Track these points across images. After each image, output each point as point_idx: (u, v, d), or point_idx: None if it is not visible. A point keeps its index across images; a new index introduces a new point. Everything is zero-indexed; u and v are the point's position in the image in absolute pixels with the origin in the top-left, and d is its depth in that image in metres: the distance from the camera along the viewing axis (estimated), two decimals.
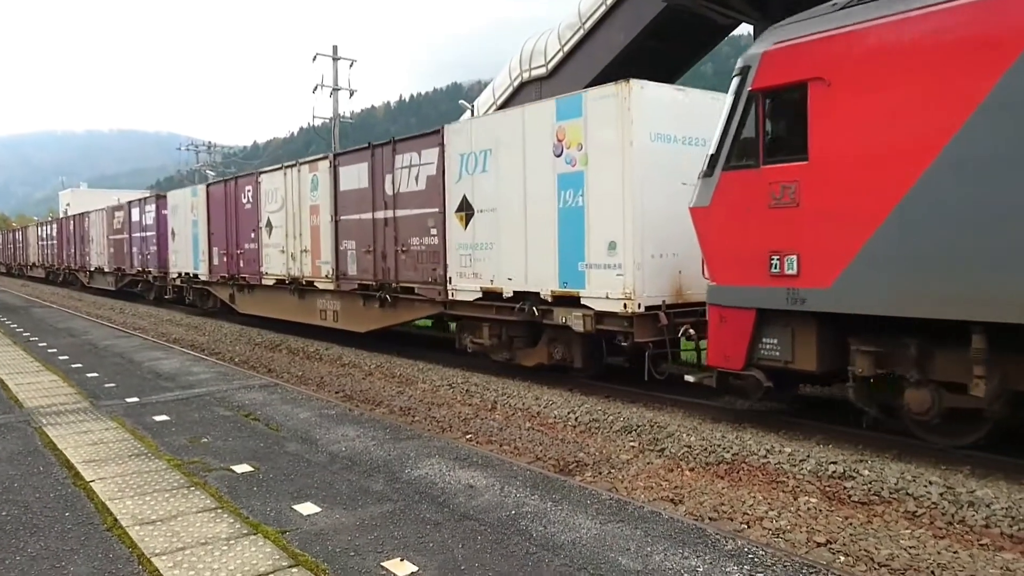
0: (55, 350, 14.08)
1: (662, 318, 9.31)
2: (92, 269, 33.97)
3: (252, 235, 18.53)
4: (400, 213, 13.40)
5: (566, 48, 22.31)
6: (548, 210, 10.38)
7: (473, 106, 27.73)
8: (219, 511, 5.35)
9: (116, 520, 5.18)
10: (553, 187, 10.31)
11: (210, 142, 67.47)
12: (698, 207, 8.31)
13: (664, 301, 9.47)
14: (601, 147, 9.61)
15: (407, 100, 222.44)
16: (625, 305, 9.33)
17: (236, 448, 7.11)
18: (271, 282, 17.81)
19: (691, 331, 9.17)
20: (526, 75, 24.04)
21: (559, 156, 10.22)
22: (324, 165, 15.67)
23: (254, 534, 4.92)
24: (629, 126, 9.23)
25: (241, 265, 19.11)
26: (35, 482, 6.10)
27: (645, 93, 9.37)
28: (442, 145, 12.38)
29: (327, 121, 36.87)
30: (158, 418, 8.35)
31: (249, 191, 18.73)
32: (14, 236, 60.84)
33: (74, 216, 38.25)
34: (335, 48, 36.57)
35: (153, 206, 25.81)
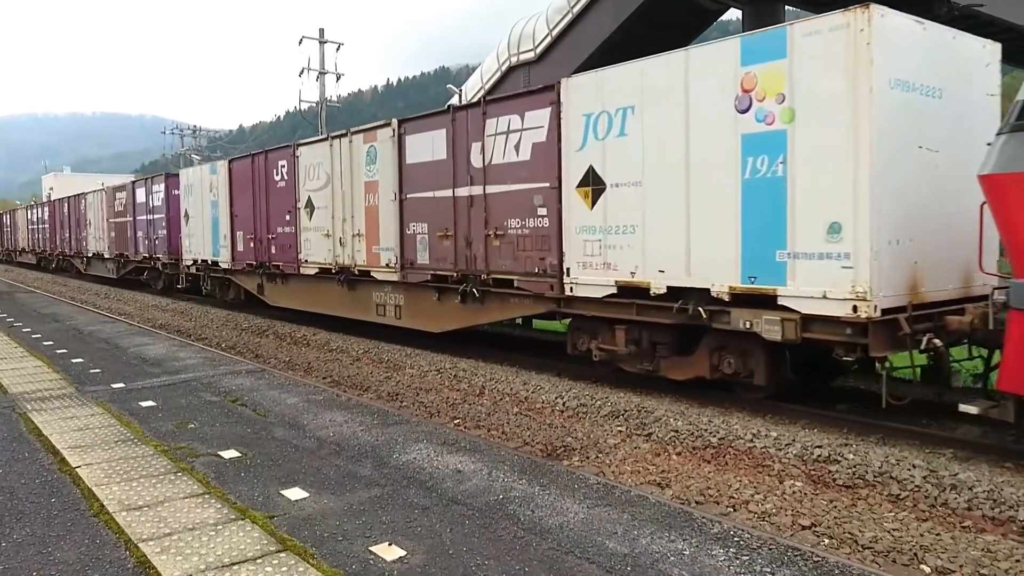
0: (39, 336, 13.97)
1: (903, 325, 7.04)
2: (90, 255, 31.33)
3: (287, 217, 16.05)
4: (493, 190, 10.93)
5: (554, 33, 22.24)
6: (725, 182, 8.04)
7: (461, 90, 27.60)
8: (206, 496, 5.34)
9: (103, 506, 5.16)
10: (734, 152, 7.95)
11: (195, 126, 66.83)
12: (1001, 173, 6.18)
13: (910, 302, 7.26)
14: (818, 98, 7.30)
15: (394, 84, 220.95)
16: (855, 308, 7.02)
17: (223, 434, 7.10)
18: (312, 271, 15.41)
19: (936, 341, 7.10)
20: (514, 59, 23.95)
21: (745, 112, 7.86)
22: (385, 134, 13.13)
23: (242, 519, 4.92)
24: (867, 67, 6.95)
25: (273, 251, 16.65)
26: (20, 468, 6.06)
27: (887, 23, 7.12)
28: (557, 104, 9.93)
29: (314, 105, 36.57)
30: (144, 404, 8.31)
31: (283, 167, 16.23)
32: (0, 220, 56.21)
33: (69, 198, 34.68)
34: (322, 31, 36.24)
35: (162, 186, 23.41)
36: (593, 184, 9.55)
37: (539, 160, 10.26)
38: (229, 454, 6.42)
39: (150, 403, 8.35)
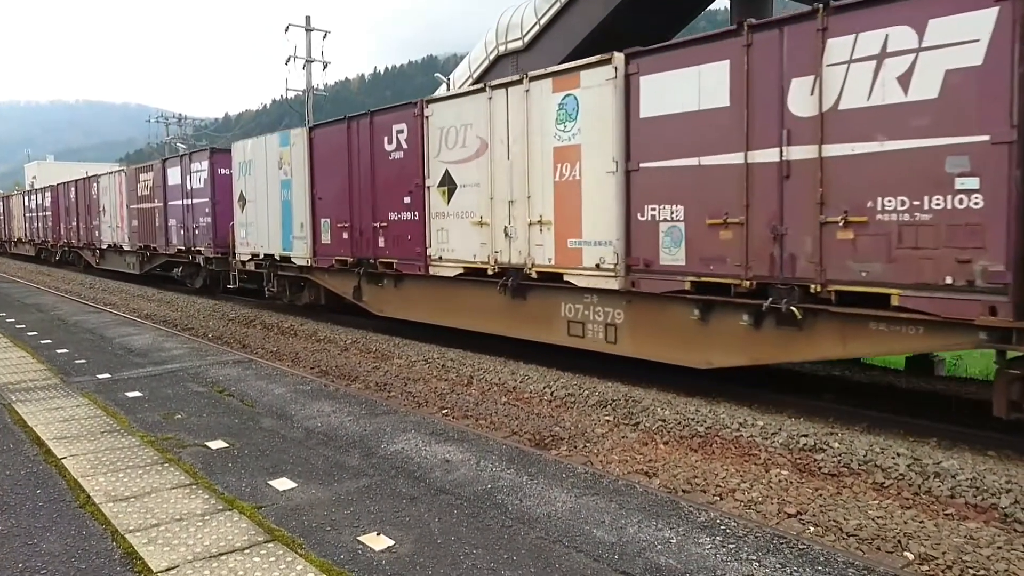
0: (23, 326, 13.84)
1: None
2: (104, 247, 27.28)
3: (406, 200, 12.35)
4: (839, 150, 7.12)
5: (543, 21, 22.15)
6: None
7: (450, 79, 27.47)
8: (194, 487, 5.32)
9: (89, 497, 5.13)
10: None
11: (180, 114, 66.27)
12: None
13: None
14: None
15: (382, 73, 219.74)
16: None
17: (210, 424, 7.07)
18: (449, 271, 11.61)
19: None
20: (502, 48, 23.84)
21: None
22: (596, 76, 9.21)
23: (229, 510, 4.90)
24: None
25: (381, 245, 13.01)
26: (5, 460, 6.02)
27: None
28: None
29: (300, 93, 36.33)
30: (130, 394, 8.27)
31: (401, 132, 12.46)
32: None
33: (77, 181, 30.36)
34: (308, 19, 35.96)
35: (205, 163, 19.28)
36: None
37: (962, 97, 6.37)
38: (216, 444, 6.40)
39: (136, 393, 8.30)
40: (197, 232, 19.76)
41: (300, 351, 12.31)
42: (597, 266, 9.31)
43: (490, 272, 10.84)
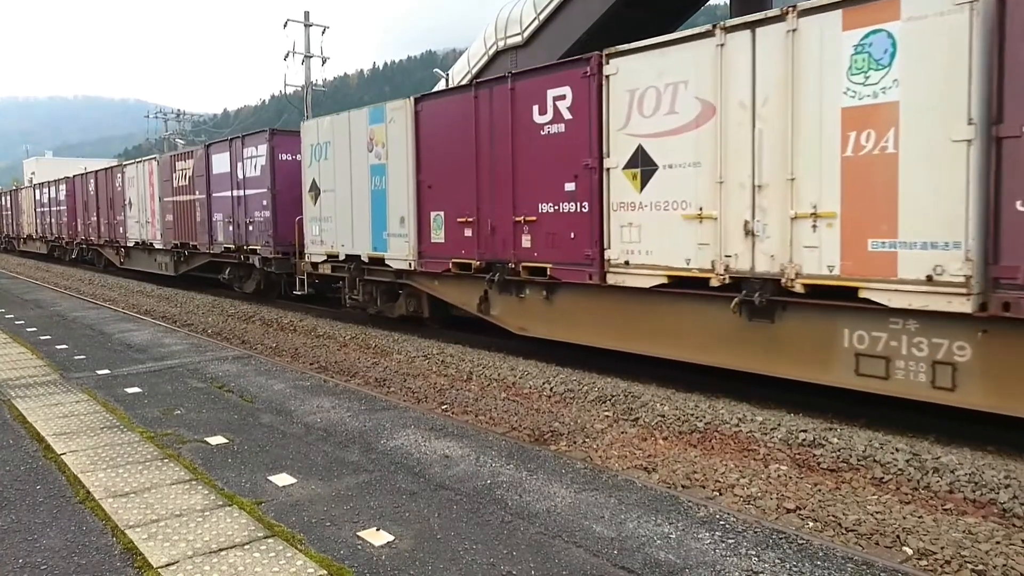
0: (23, 322, 13.84)
1: None
2: (130, 245, 24.64)
3: (569, 186, 9.56)
4: None
5: (542, 16, 22.12)
6: None
7: (448, 74, 27.45)
8: (193, 483, 5.33)
9: (89, 493, 5.14)
10: None
11: (179, 110, 66.22)
12: None
13: None
14: None
15: (380, 68, 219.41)
16: None
17: (210, 420, 7.08)
18: (646, 281, 8.86)
19: None
20: (501, 44, 23.81)
21: None
22: (930, 1, 6.41)
23: (229, 505, 4.91)
24: None
25: (526, 245, 10.23)
26: (4, 455, 6.02)
27: None
28: None
29: (299, 89, 36.28)
30: (130, 390, 8.27)
31: (561, 98, 9.61)
32: None
33: (98, 172, 27.91)
34: (307, 14, 35.90)
35: (263, 147, 16.58)
36: None
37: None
38: (216, 440, 6.40)
39: (136, 389, 8.30)
40: (251, 228, 17.08)
41: (300, 347, 12.31)
42: (929, 278, 6.47)
43: (715, 283, 8.09)
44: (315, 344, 12.58)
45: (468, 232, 11.19)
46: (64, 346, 11.12)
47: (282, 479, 5.44)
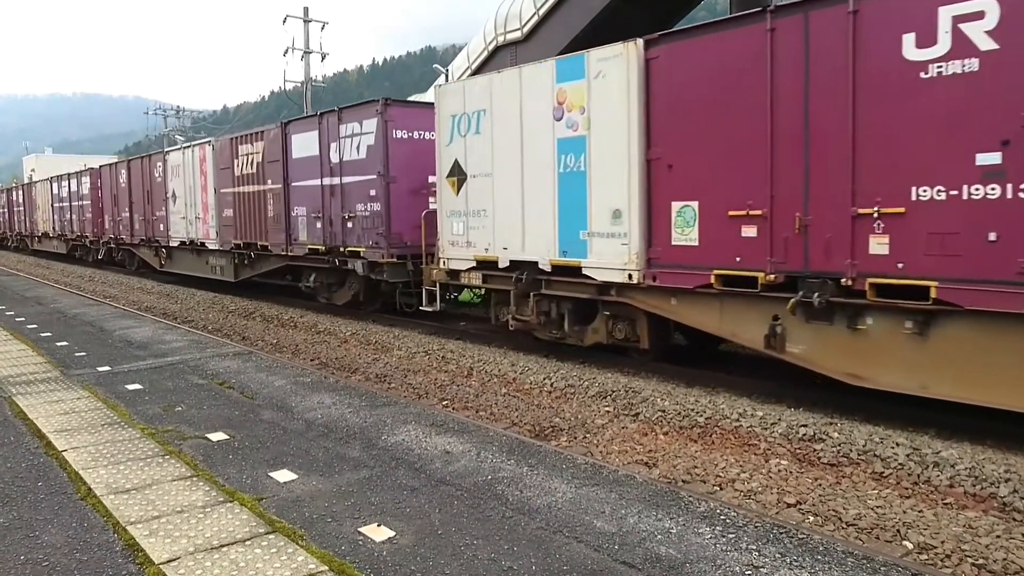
0: (23, 319, 13.84)
1: None
2: (174, 244, 21.26)
3: (988, 156, 6.20)
4: None
5: (541, 12, 22.07)
6: None
7: (448, 70, 27.41)
8: (195, 479, 5.34)
9: (90, 489, 5.14)
10: None
11: (178, 106, 66.12)
12: None
13: None
14: None
15: (380, 64, 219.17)
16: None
17: (211, 416, 7.08)
18: None
19: None
20: (501, 39, 23.77)
21: None
22: None
23: (230, 502, 4.92)
24: None
25: (881, 252, 6.93)
26: (5, 452, 6.03)
27: None
28: None
29: (298, 85, 36.23)
30: (131, 387, 8.27)
31: (969, 18, 6.25)
32: (9, 198, 42.98)
33: (130, 161, 24.64)
34: (306, 10, 35.82)
35: (372, 122, 13.13)
36: None
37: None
38: (217, 437, 6.41)
39: (136, 386, 8.31)
40: (351, 225, 13.85)
41: (300, 343, 12.31)
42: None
43: None
44: (316, 340, 12.58)
45: (750, 231, 7.91)
46: (65, 343, 11.13)
47: (283, 475, 5.45)
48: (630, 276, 8.98)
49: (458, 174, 11.29)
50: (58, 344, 11.05)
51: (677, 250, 8.56)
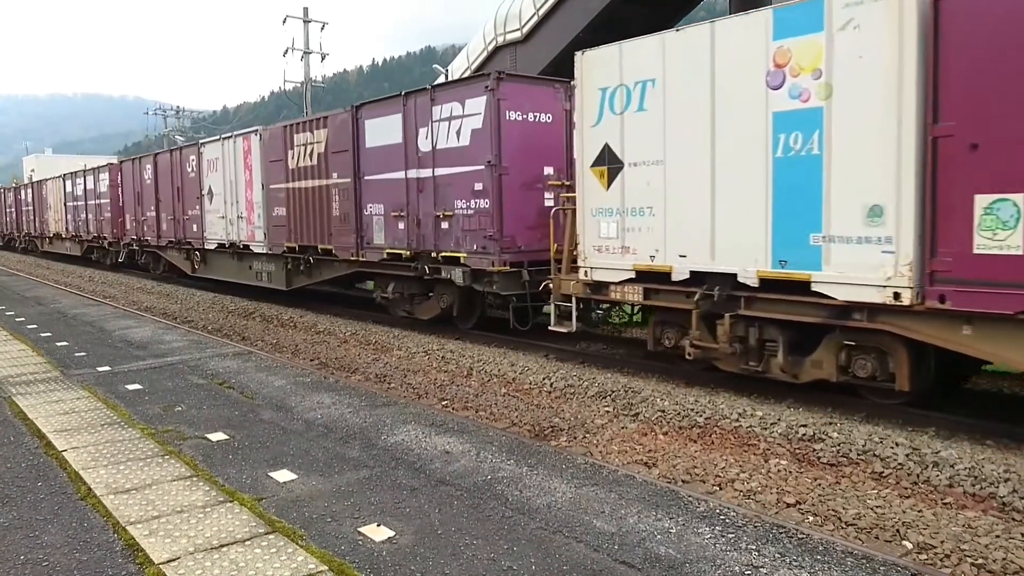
0: (23, 319, 13.85)
1: None
2: (209, 247, 19.19)
3: None
4: None
5: (541, 12, 22.08)
6: None
7: (448, 70, 27.42)
8: (194, 479, 5.34)
9: (90, 489, 5.15)
10: None
11: (178, 106, 66.12)
12: None
13: None
14: None
15: (380, 64, 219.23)
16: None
17: (211, 416, 7.08)
18: None
19: None
20: (500, 39, 23.79)
21: None
22: None
23: (230, 502, 4.92)
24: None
25: None
26: (5, 452, 6.03)
27: None
28: None
29: (298, 85, 36.23)
30: (131, 387, 8.28)
31: None
32: (16, 197, 40.66)
33: (157, 155, 22.28)
34: (306, 10, 35.83)
35: (479, 101, 11.06)
36: None
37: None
38: (216, 437, 6.41)
39: (136, 386, 8.31)
40: (446, 226, 11.75)
41: (300, 343, 12.32)
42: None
43: None
44: (315, 340, 12.59)
45: None
46: (64, 343, 11.13)
47: (283, 475, 5.45)
48: (896, 295, 6.69)
49: (609, 162, 9.02)
50: (58, 344, 11.05)
51: (983, 261, 6.21)
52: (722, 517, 4.73)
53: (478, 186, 11.11)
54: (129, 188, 24.25)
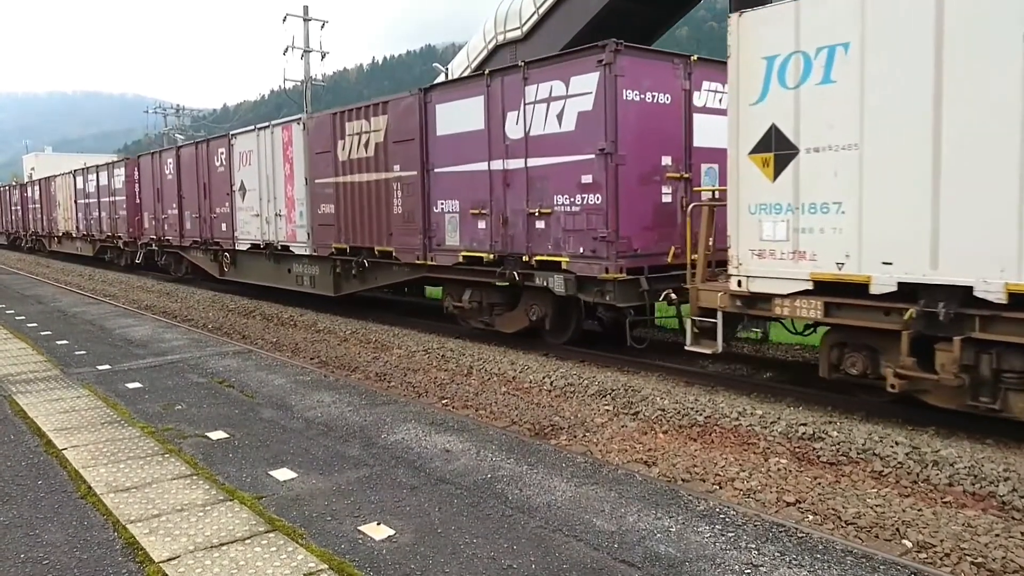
0: (23, 317, 13.85)
1: None
2: (242, 248, 17.61)
3: None
4: None
5: (541, 10, 22.09)
6: None
7: (448, 69, 27.42)
8: (194, 478, 5.34)
9: (90, 488, 5.15)
10: None
11: (178, 105, 66.16)
12: None
13: None
14: None
15: (380, 63, 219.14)
16: None
17: (211, 415, 7.08)
18: None
19: None
20: (501, 38, 23.79)
21: None
22: None
23: (230, 500, 4.92)
24: None
25: None
26: (5, 451, 6.03)
27: None
28: None
29: (298, 84, 36.22)
30: (131, 385, 8.28)
31: None
32: (22, 194, 39.12)
33: (180, 148, 20.82)
34: (306, 8, 35.80)
35: (590, 79, 9.41)
36: None
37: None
38: (216, 435, 6.41)
39: (136, 385, 8.31)
40: (544, 225, 10.11)
41: (300, 342, 12.32)
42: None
43: None
44: (315, 339, 12.59)
45: None
46: (65, 342, 11.13)
47: (283, 474, 5.45)
48: None
49: (777, 148, 7.46)
50: (58, 342, 11.05)
51: None
52: (722, 516, 4.73)
53: (586, 178, 9.51)
54: (148, 184, 22.58)
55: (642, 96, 9.49)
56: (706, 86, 10.14)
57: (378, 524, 4.56)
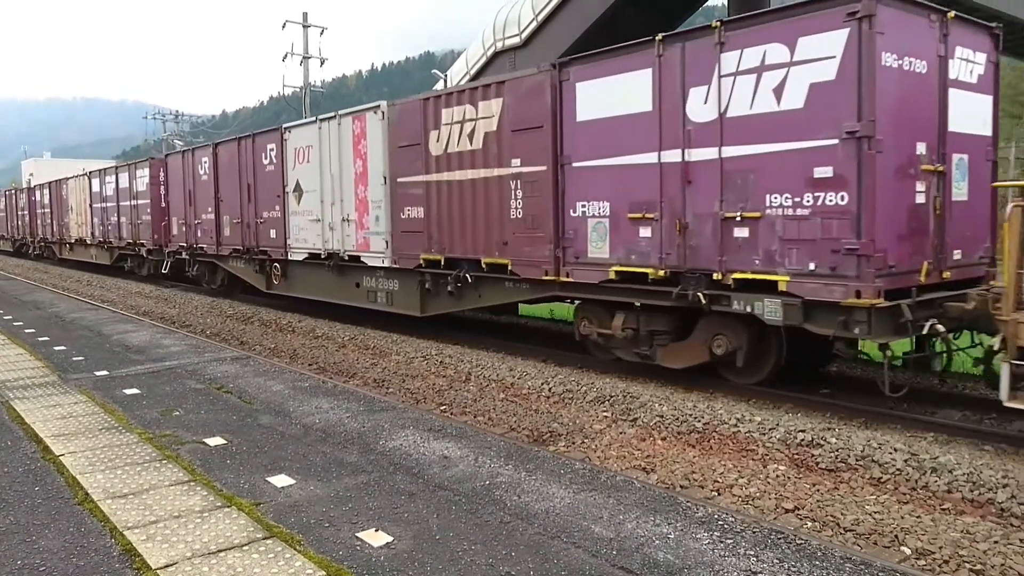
0: (21, 323, 13.83)
1: None
2: (294, 258, 15.42)
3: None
4: None
5: (540, 17, 22.17)
6: None
7: (447, 75, 27.49)
8: (192, 484, 5.33)
9: (87, 494, 5.14)
10: None
11: (177, 111, 66.17)
12: None
13: None
14: None
15: (379, 69, 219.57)
16: None
17: (209, 421, 7.07)
18: None
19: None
20: (499, 45, 23.86)
21: None
22: None
23: (228, 506, 4.91)
24: None
25: None
26: (2, 457, 6.02)
27: None
28: None
29: (297, 90, 36.29)
30: (128, 391, 8.26)
31: None
32: (30, 198, 36.42)
33: (217, 146, 18.25)
34: (305, 15, 35.90)
35: (836, 37, 6.98)
36: None
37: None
38: (214, 441, 6.40)
39: (134, 391, 8.30)
40: (747, 233, 7.89)
41: (298, 348, 12.30)
42: None
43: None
44: (314, 345, 12.57)
45: None
46: (62, 347, 11.11)
47: (281, 480, 5.44)
48: None
49: None
50: (56, 348, 11.03)
51: None
52: (720, 522, 4.73)
53: (822, 171, 7.24)
54: (177, 185, 20.17)
55: (899, 62, 7.27)
56: (959, 53, 7.99)
57: (376, 531, 4.55)
